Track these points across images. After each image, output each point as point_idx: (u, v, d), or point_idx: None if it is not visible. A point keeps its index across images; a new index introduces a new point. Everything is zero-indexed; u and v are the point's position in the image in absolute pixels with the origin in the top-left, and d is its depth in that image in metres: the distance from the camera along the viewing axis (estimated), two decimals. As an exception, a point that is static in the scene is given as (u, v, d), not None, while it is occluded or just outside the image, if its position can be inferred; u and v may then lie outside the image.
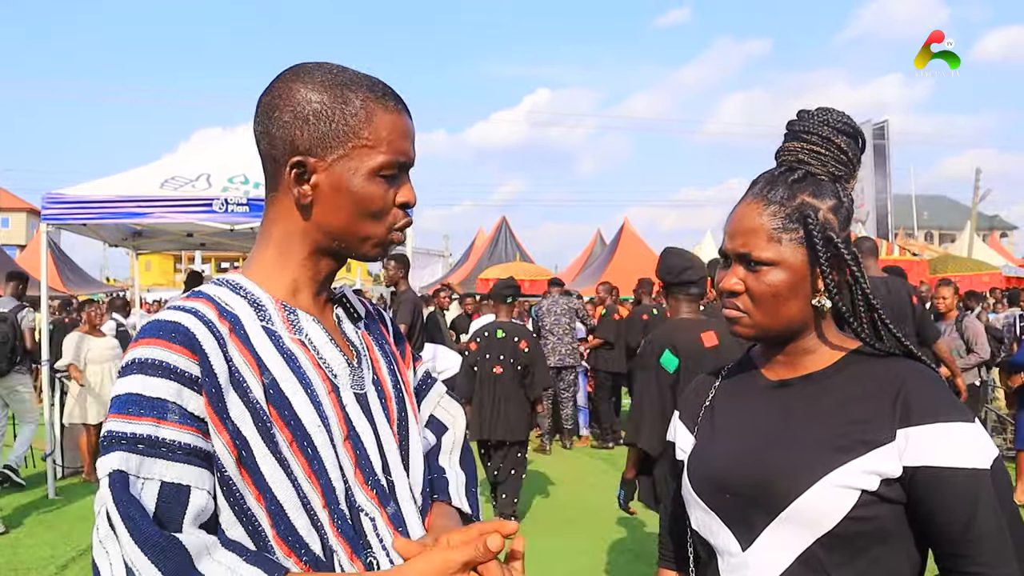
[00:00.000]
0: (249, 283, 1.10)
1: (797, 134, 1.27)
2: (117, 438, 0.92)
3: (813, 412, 1.22)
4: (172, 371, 0.95)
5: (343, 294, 1.22)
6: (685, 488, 1.34)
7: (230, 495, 0.97)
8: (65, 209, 6.60)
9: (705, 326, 3.38)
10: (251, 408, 1.00)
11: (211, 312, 1.03)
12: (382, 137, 1.07)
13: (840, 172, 1.26)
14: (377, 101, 1.08)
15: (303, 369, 1.06)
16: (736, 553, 1.23)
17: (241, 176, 6.72)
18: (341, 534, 1.03)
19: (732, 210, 1.29)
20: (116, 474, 0.90)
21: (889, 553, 1.16)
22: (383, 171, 1.08)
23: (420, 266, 21.14)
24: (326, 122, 1.06)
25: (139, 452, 0.92)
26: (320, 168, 1.07)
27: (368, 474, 1.09)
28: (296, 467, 1.01)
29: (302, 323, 1.10)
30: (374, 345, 1.22)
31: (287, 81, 1.08)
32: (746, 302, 1.25)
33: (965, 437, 1.12)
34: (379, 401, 1.16)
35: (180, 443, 0.94)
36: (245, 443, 0.99)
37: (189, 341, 0.98)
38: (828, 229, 1.21)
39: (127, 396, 0.94)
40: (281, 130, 1.07)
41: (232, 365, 1.01)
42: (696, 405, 1.42)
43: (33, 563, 5.12)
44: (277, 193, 1.11)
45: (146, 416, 0.93)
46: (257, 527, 0.98)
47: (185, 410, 0.95)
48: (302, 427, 1.03)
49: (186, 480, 0.93)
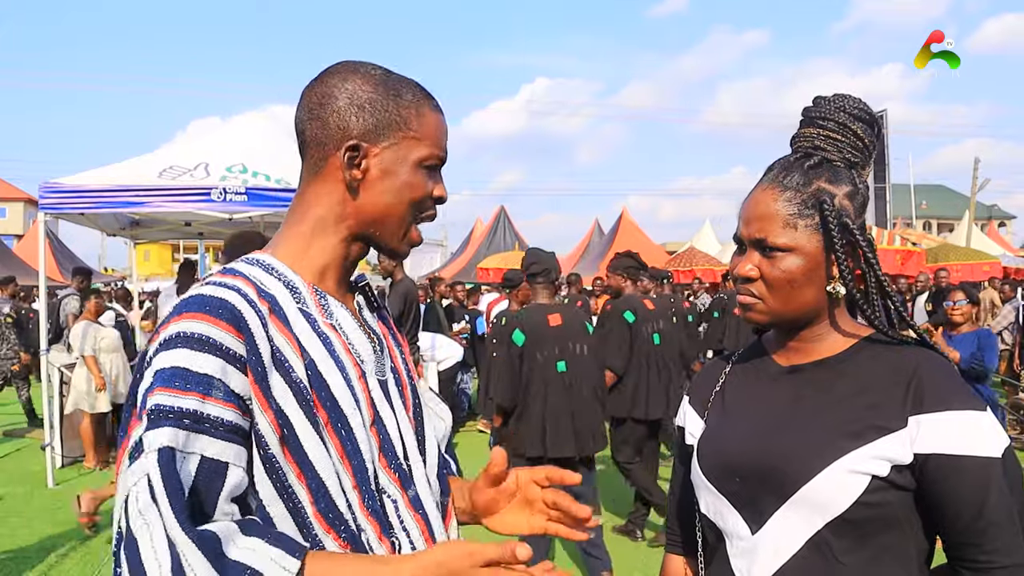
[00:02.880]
0: (280, 264, 1.13)
1: (813, 120, 1.27)
2: (165, 411, 0.93)
3: (825, 397, 1.22)
4: (218, 348, 0.97)
5: (366, 282, 1.25)
6: (695, 472, 1.34)
7: (272, 472, 0.99)
8: (63, 198, 6.57)
9: (552, 310, 4.31)
10: (294, 388, 1.02)
11: (251, 291, 1.05)
12: (429, 132, 1.15)
13: (856, 158, 1.25)
14: (424, 99, 1.16)
15: (337, 353, 1.10)
16: (745, 537, 1.23)
17: (239, 165, 6.70)
18: (371, 514, 1.06)
19: (747, 196, 1.29)
20: (166, 450, 0.91)
21: (898, 539, 1.17)
22: (427, 163, 1.15)
23: (418, 256, 21.16)
24: (381, 111, 1.12)
25: (185, 427, 0.93)
26: (372, 154, 1.12)
27: (391, 458, 1.12)
28: (331, 447, 1.04)
29: (332, 307, 1.14)
30: (388, 334, 1.26)
31: (341, 73, 1.15)
32: (761, 288, 1.25)
33: (976, 425, 1.12)
34: (397, 388, 1.20)
35: (223, 420, 0.95)
36: (288, 422, 1.01)
37: (235, 319, 0.99)
38: (844, 215, 1.21)
39: (173, 370, 0.95)
40: (336, 116, 1.12)
41: (274, 345, 1.03)
42: (706, 390, 1.42)
43: (32, 552, 5.12)
44: (319, 176, 1.15)
45: (192, 391, 0.94)
46: (297, 504, 1.00)
47: (228, 387, 0.97)
48: (339, 408, 1.06)
49: (225, 457, 0.95)
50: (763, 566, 1.20)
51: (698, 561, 1.38)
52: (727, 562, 1.26)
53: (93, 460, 7.46)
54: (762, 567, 1.20)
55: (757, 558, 1.21)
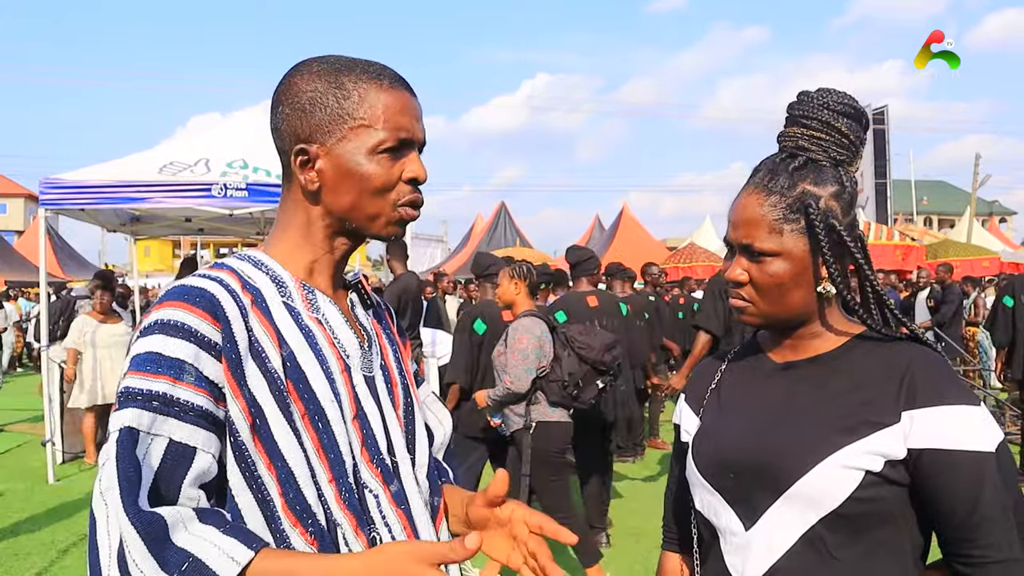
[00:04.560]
0: (271, 260, 1.14)
1: (797, 119, 1.26)
2: (133, 394, 0.94)
3: (818, 393, 1.23)
4: (192, 334, 0.97)
5: (357, 280, 1.24)
6: (690, 468, 1.34)
7: (241, 461, 0.99)
8: (63, 194, 6.57)
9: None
10: (269, 377, 1.02)
11: (235, 283, 1.06)
12: (378, 115, 1.09)
13: (842, 156, 1.24)
14: (371, 81, 1.11)
15: (319, 346, 1.09)
16: (739, 533, 1.23)
17: (240, 161, 6.70)
18: (348, 508, 1.05)
19: (735, 199, 1.29)
20: (125, 431, 0.92)
21: (892, 534, 1.17)
22: (382, 148, 1.09)
23: (418, 251, 21.13)
24: (321, 108, 1.10)
25: (152, 409, 0.93)
26: (322, 153, 1.10)
27: (374, 453, 1.11)
28: (307, 440, 1.03)
29: (319, 303, 1.13)
30: (382, 332, 1.25)
31: (287, 77, 1.13)
32: (751, 292, 1.26)
33: (970, 420, 1.13)
34: (386, 386, 1.19)
35: (193, 404, 0.95)
36: (260, 411, 1.00)
37: (212, 307, 1.00)
38: (830, 217, 1.21)
39: (146, 355, 0.96)
40: (284, 123, 1.12)
41: (252, 335, 1.03)
42: (702, 387, 1.42)
43: (33, 548, 5.13)
44: (291, 184, 1.14)
45: (163, 374, 0.95)
46: (266, 495, 1.00)
47: (201, 373, 0.97)
48: (316, 401, 1.05)
49: (193, 442, 0.95)
50: (757, 562, 1.20)
51: (694, 558, 1.39)
52: (722, 559, 1.26)
53: (94, 456, 7.45)
54: (756, 563, 1.20)
55: (751, 554, 1.21)
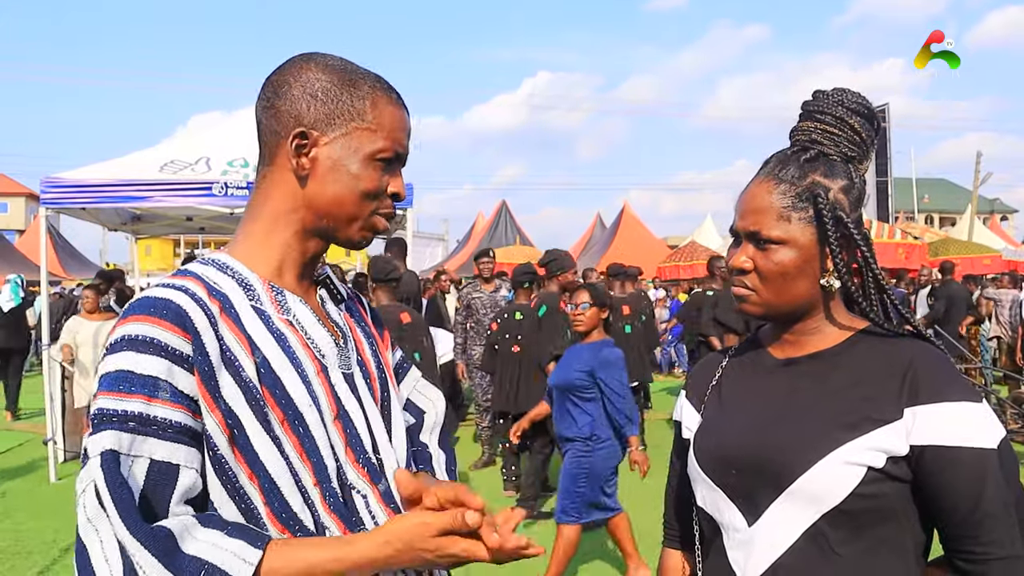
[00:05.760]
0: (236, 263, 1.11)
1: (811, 114, 1.27)
2: (108, 415, 0.92)
3: (820, 389, 1.22)
4: (163, 348, 0.95)
5: (326, 275, 1.23)
6: (691, 465, 1.34)
7: (222, 474, 0.97)
8: (64, 193, 6.58)
9: (402, 309, 5.20)
10: (244, 387, 1.00)
11: (201, 290, 1.03)
12: (384, 124, 1.12)
13: (853, 153, 1.25)
14: (383, 92, 1.13)
15: (293, 349, 1.07)
16: (742, 529, 1.23)
17: (241, 159, 6.70)
18: (334, 511, 1.04)
19: (744, 189, 1.29)
20: (108, 454, 0.90)
21: (894, 531, 1.17)
22: (381, 156, 1.11)
23: (419, 250, 21.14)
24: (334, 100, 1.10)
25: (130, 430, 0.92)
26: (322, 142, 1.10)
27: (359, 452, 1.10)
28: (288, 446, 1.02)
29: (289, 303, 1.11)
30: (356, 326, 1.24)
31: (299, 62, 1.13)
32: (755, 280, 1.25)
33: (972, 416, 1.12)
34: (364, 381, 1.17)
35: (171, 421, 0.93)
36: (238, 422, 0.99)
37: (180, 319, 0.98)
38: (838, 209, 1.21)
39: (117, 373, 0.94)
40: (288, 104, 1.10)
41: (224, 344, 1.01)
42: (703, 383, 1.42)
43: (35, 547, 5.14)
44: (272, 167, 1.13)
45: (137, 393, 0.93)
46: (250, 505, 0.99)
47: (176, 388, 0.95)
48: (293, 406, 1.04)
49: (175, 459, 0.93)
50: (759, 558, 1.20)
51: (695, 554, 1.39)
52: (724, 555, 1.26)
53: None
54: (759, 559, 1.20)
55: (754, 550, 1.21)
